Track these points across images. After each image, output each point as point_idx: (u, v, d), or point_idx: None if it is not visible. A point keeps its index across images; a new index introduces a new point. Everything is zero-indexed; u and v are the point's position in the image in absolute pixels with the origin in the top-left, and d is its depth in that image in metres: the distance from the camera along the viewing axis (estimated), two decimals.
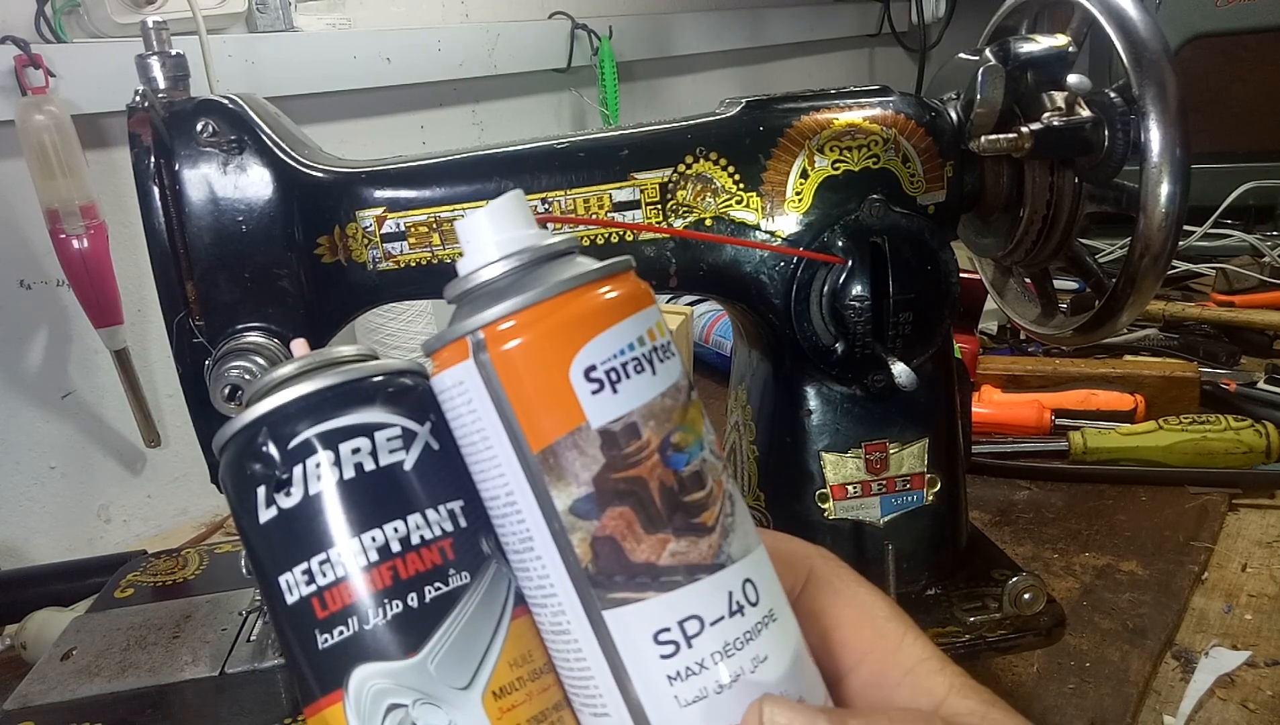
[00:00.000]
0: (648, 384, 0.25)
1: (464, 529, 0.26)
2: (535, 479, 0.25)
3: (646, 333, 0.26)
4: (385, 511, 0.25)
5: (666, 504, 0.25)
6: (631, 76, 1.42)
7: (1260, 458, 0.80)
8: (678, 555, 0.25)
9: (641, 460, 0.25)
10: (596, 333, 0.25)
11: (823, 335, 0.54)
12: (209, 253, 0.50)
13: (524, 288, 0.25)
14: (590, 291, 0.25)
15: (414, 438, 0.26)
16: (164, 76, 0.49)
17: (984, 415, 0.89)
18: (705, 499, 0.26)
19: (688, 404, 0.26)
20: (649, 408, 0.25)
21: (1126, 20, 0.52)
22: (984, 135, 0.53)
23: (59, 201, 0.76)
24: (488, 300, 0.26)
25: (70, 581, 0.74)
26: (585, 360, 0.25)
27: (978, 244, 0.62)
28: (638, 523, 0.25)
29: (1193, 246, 1.30)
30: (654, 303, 0.27)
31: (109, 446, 0.90)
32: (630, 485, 0.25)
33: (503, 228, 0.27)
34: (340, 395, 0.25)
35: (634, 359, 0.25)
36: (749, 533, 0.27)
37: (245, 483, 0.25)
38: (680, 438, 0.25)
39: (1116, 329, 0.57)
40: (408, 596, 0.24)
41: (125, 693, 0.54)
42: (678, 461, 0.25)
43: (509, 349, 0.25)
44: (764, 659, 0.25)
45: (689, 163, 0.53)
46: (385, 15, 1.12)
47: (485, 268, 0.26)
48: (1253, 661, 0.60)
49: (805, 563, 0.30)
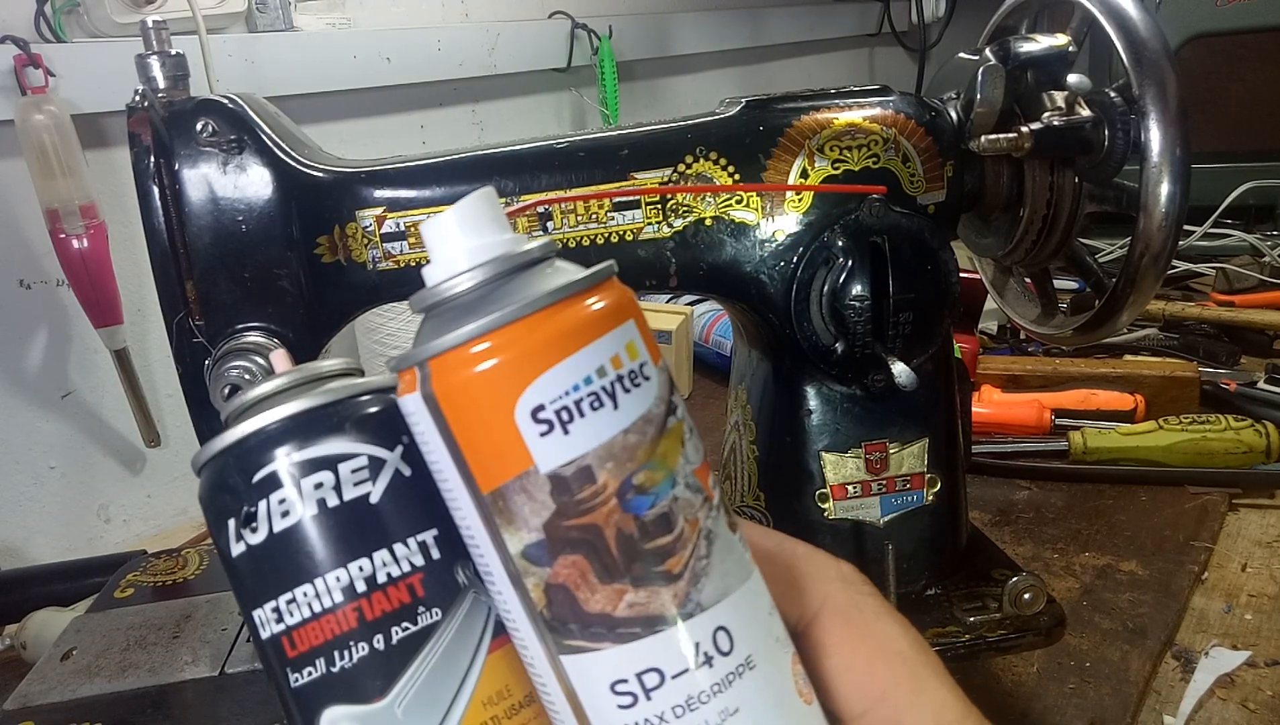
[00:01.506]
0: (607, 421, 0.23)
1: (435, 562, 0.24)
2: (488, 519, 0.23)
3: (610, 361, 0.23)
4: (350, 549, 0.24)
5: (624, 553, 0.23)
6: (631, 76, 1.42)
7: (1260, 458, 0.80)
8: (636, 607, 0.23)
9: (596, 506, 0.23)
10: (546, 368, 0.22)
11: (823, 335, 0.54)
12: (209, 252, 0.50)
13: (475, 313, 0.23)
14: (544, 319, 0.23)
15: (382, 467, 0.24)
16: (164, 76, 0.49)
17: (984, 415, 0.89)
18: (672, 544, 0.23)
19: (659, 436, 0.24)
20: (607, 448, 0.23)
21: (1126, 20, 0.52)
22: (984, 135, 0.53)
23: (59, 201, 0.76)
24: (441, 323, 0.24)
25: (70, 581, 0.74)
26: (532, 399, 0.22)
27: (978, 244, 0.62)
28: (591, 572, 0.23)
29: (1193, 246, 1.30)
30: (631, 317, 0.24)
31: (109, 446, 0.90)
32: (583, 533, 0.23)
33: (469, 234, 0.24)
34: (305, 424, 0.24)
35: (591, 394, 0.23)
36: (730, 572, 0.24)
37: (217, 513, 0.25)
38: (644, 478, 0.23)
39: (1116, 329, 0.57)
40: (374, 638, 0.24)
41: (125, 693, 0.54)
42: (639, 505, 0.23)
43: (453, 385, 0.23)
44: (734, 711, 0.24)
45: (689, 162, 0.53)
46: (385, 15, 1.12)
47: (445, 282, 0.24)
48: (1253, 661, 0.60)
49: (821, 588, 0.28)
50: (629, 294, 0.25)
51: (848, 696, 0.26)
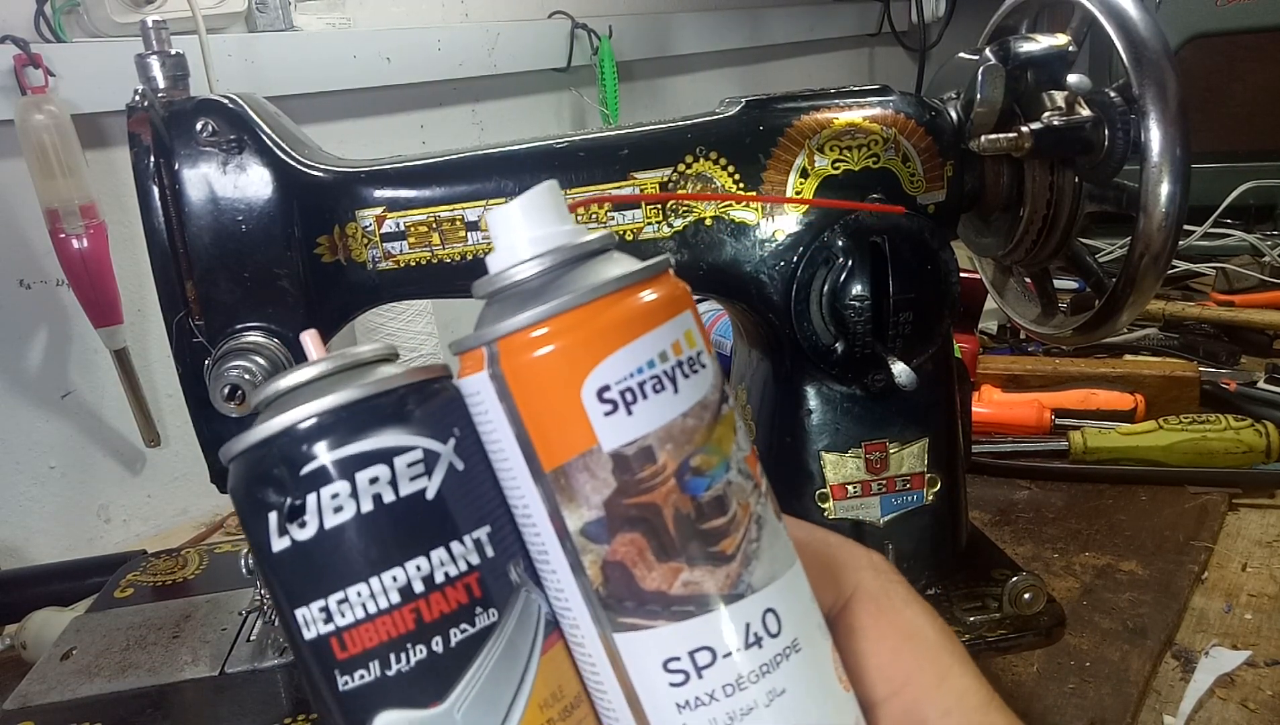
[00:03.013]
0: (668, 404, 0.24)
1: (491, 559, 0.24)
2: (548, 498, 0.24)
3: (671, 346, 0.24)
4: (407, 547, 0.23)
5: (681, 532, 0.24)
6: (631, 76, 1.42)
7: (1260, 458, 0.80)
8: (691, 585, 0.24)
9: (656, 486, 0.24)
10: (613, 350, 0.23)
11: (823, 335, 0.54)
12: (209, 252, 0.50)
13: (543, 296, 0.24)
14: (611, 303, 0.24)
15: (437, 460, 0.24)
16: (164, 76, 0.49)
17: (984, 415, 0.89)
18: (726, 526, 0.24)
19: (715, 422, 0.24)
20: (667, 430, 0.24)
21: (1126, 20, 0.52)
22: (984, 135, 0.53)
23: (59, 201, 0.76)
24: (508, 307, 0.24)
25: (70, 581, 0.74)
26: (599, 380, 0.23)
27: (978, 244, 0.62)
28: (649, 550, 0.24)
29: (1193, 246, 1.30)
30: (688, 308, 0.25)
31: (109, 446, 0.90)
32: (642, 512, 0.24)
33: (533, 224, 0.25)
34: (357, 414, 0.23)
35: (653, 377, 0.24)
36: (778, 557, 0.25)
37: (256, 507, 0.23)
38: (701, 461, 0.24)
39: (1116, 329, 0.57)
40: (432, 641, 0.23)
41: (125, 693, 0.54)
42: (696, 486, 0.24)
43: (521, 365, 0.24)
44: (781, 693, 0.24)
45: (689, 162, 0.53)
46: (385, 15, 1.12)
47: (511, 269, 0.25)
48: (1253, 661, 0.60)
49: (853, 576, 0.28)
50: (685, 286, 0.26)
51: (873, 681, 0.27)
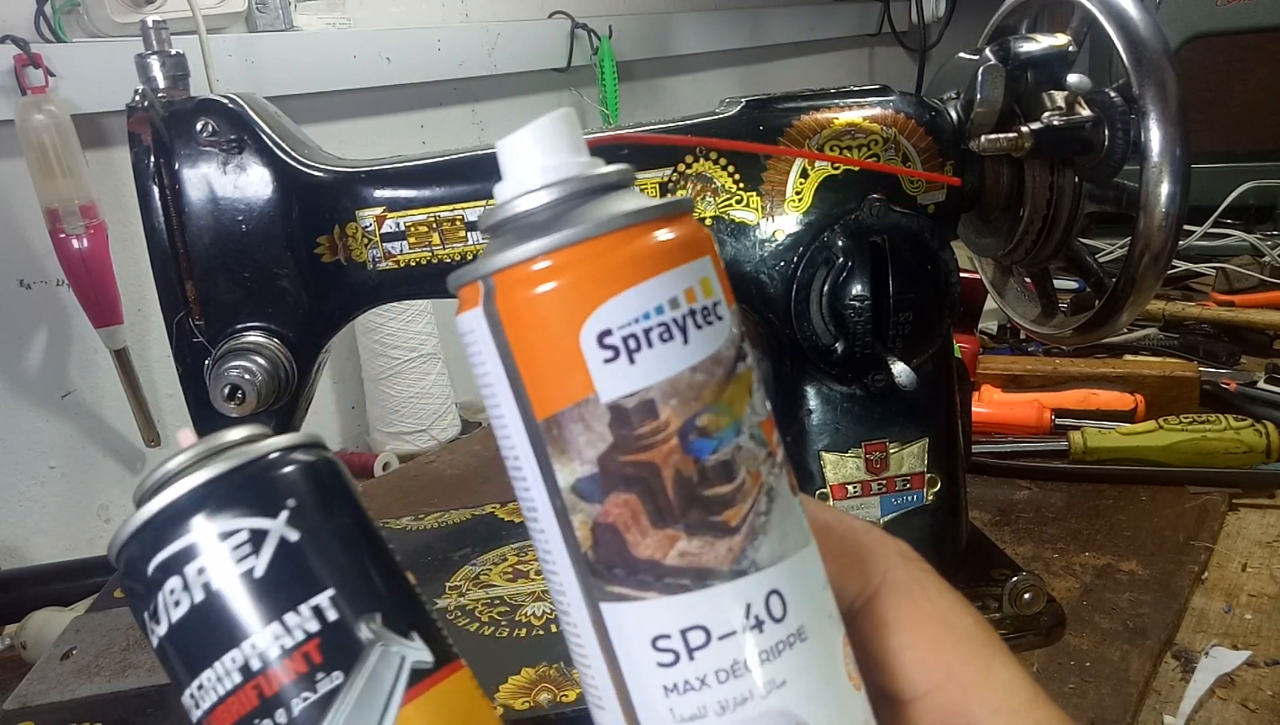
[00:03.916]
0: (675, 355, 0.22)
1: (334, 622, 0.23)
2: (539, 448, 0.22)
3: (684, 292, 0.22)
4: (240, 628, 0.23)
5: (680, 496, 0.22)
6: (631, 76, 1.42)
7: (1260, 458, 0.80)
8: (687, 556, 0.22)
9: (656, 443, 0.22)
10: (618, 290, 0.21)
11: (823, 335, 0.54)
12: (209, 252, 0.50)
13: (547, 229, 0.22)
14: (620, 241, 0.22)
15: (265, 537, 0.23)
16: (164, 76, 0.49)
17: (984, 415, 0.89)
18: (732, 494, 0.22)
19: (728, 379, 0.22)
20: (672, 383, 0.22)
21: (1126, 20, 0.52)
22: (984, 135, 0.53)
23: (59, 201, 0.76)
24: (510, 240, 0.23)
25: (70, 581, 0.74)
26: (600, 323, 0.21)
27: (978, 244, 0.62)
28: (644, 514, 0.22)
29: (1193, 246, 1.30)
30: (707, 253, 0.23)
31: (109, 446, 0.90)
32: (639, 471, 0.22)
33: (544, 153, 0.23)
34: (180, 511, 0.24)
35: (661, 325, 0.22)
36: (790, 533, 0.23)
37: (133, 610, 0.25)
38: (709, 420, 0.22)
39: (1116, 329, 0.57)
40: (276, 713, 0.23)
41: (125, 693, 0.54)
42: (701, 448, 0.22)
43: (518, 301, 0.22)
44: (780, 684, 0.22)
45: (689, 162, 0.53)
46: (385, 15, 1.12)
47: (517, 200, 0.23)
48: (1253, 661, 0.60)
49: (881, 564, 0.27)
50: (706, 231, 0.24)
51: (910, 676, 0.25)
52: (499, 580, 0.64)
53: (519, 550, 0.68)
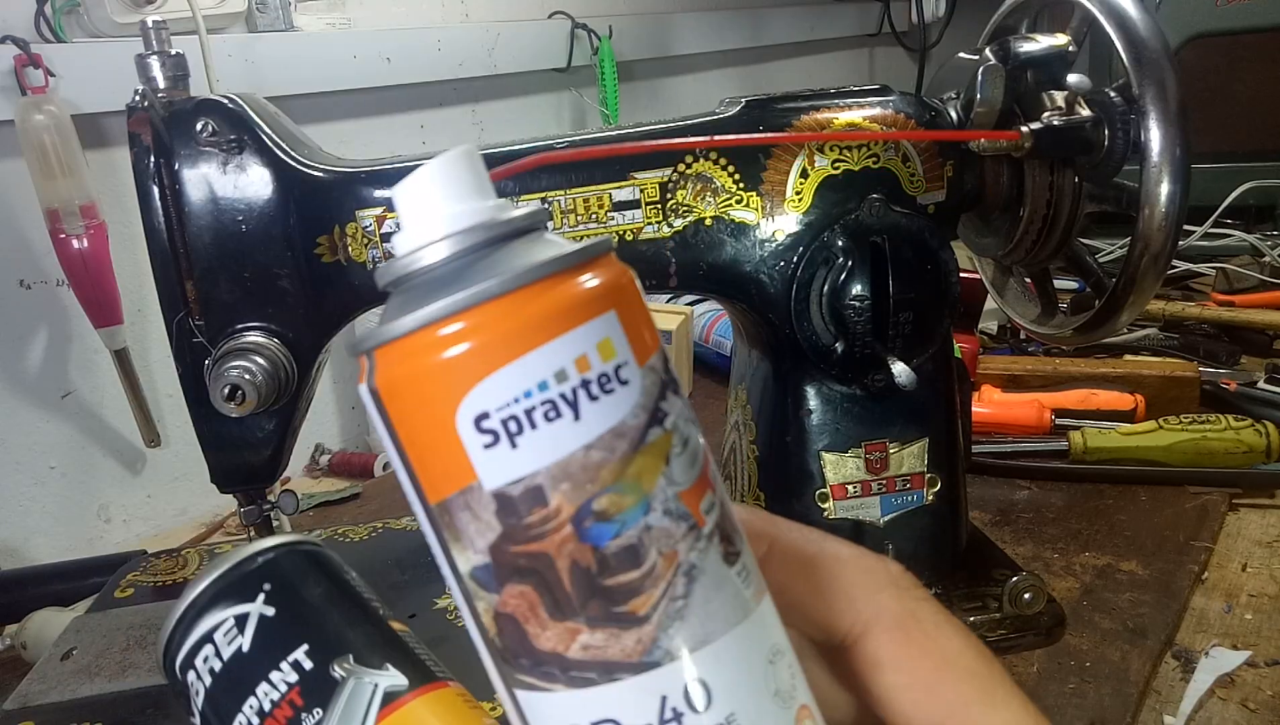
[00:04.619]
0: (564, 434, 0.20)
1: (310, 670, 0.27)
2: (437, 531, 0.21)
3: (574, 362, 0.20)
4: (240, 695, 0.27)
5: (579, 588, 0.20)
6: (631, 76, 1.42)
7: (1260, 458, 0.80)
8: (591, 650, 0.20)
9: (547, 533, 0.20)
10: (492, 368, 0.19)
11: (823, 335, 0.54)
12: (209, 252, 0.50)
13: (424, 298, 0.20)
14: (498, 309, 0.20)
15: (246, 619, 0.28)
16: (164, 76, 0.49)
17: (984, 415, 0.89)
18: (638, 581, 0.20)
19: (633, 453, 0.20)
20: (562, 467, 0.20)
21: (1126, 20, 0.52)
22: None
23: (59, 201, 0.76)
24: (393, 306, 0.21)
25: (70, 581, 0.74)
26: (476, 405, 0.19)
27: (978, 244, 0.62)
28: (542, 606, 0.20)
29: (1193, 246, 1.30)
30: (610, 307, 0.20)
31: (109, 446, 0.90)
32: (532, 562, 0.20)
33: (439, 199, 0.21)
34: (186, 621, 0.28)
35: (546, 402, 0.19)
36: (717, 613, 0.21)
37: (183, 711, 0.29)
38: (608, 502, 0.20)
39: (1116, 329, 0.57)
40: None
41: (125, 693, 0.54)
42: (599, 534, 0.20)
43: (393, 381, 0.20)
44: None
45: (689, 162, 0.53)
46: (385, 15, 1.12)
47: (409, 257, 0.21)
48: (1253, 661, 0.60)
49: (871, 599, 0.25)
50: (616, 279, 0.21)
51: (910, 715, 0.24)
52: None
53: None
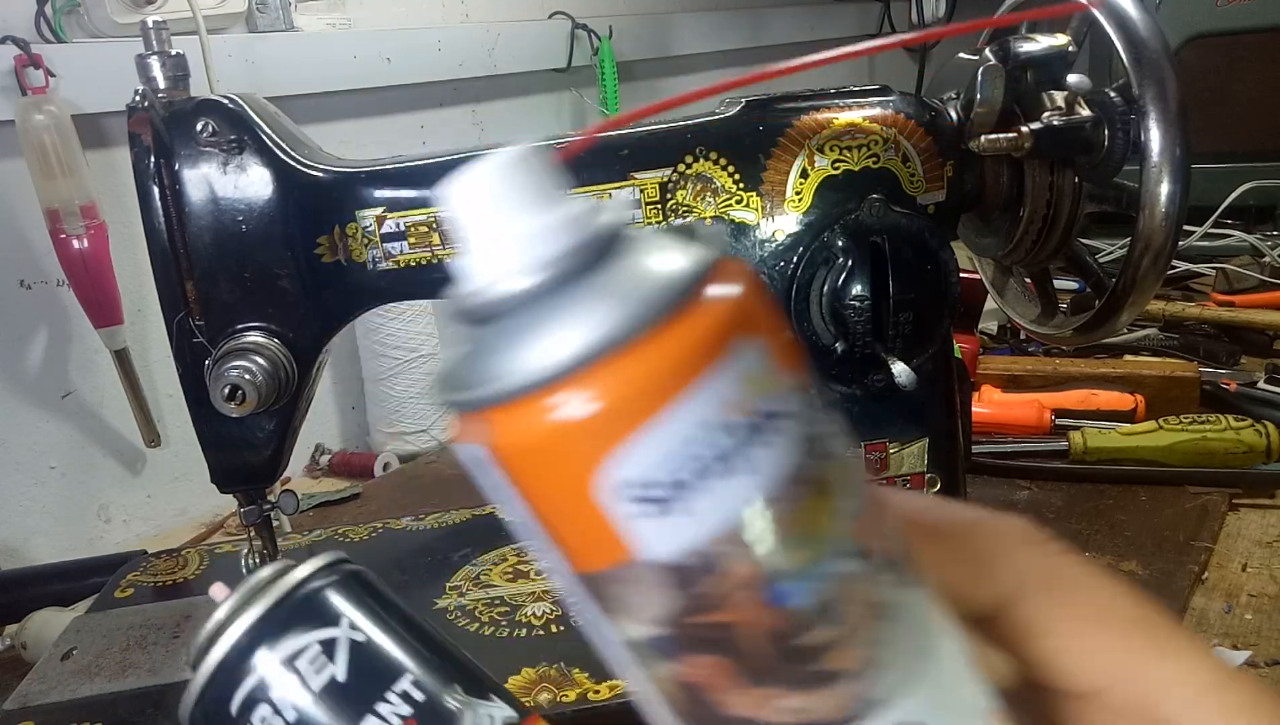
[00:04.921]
0: (730, 490, 0.17)
1: (423, 702, 0.25)
2: (593, 599, 0.19)
3: (724, 408, 0.16)
4: None
5: (771, 653, 0.18)
6: (631, 76, 1.42)
7: (1260, 458, 0.80)
8: (791, 713, 0.18)
9: (725, 600, 0.17)
10: (629, 430, 0.16)
11: (823, 335, 0.54)
12: (209, 252, 0.50)
13: (537, 340, 0.17)
14: (617, 361, 0.16)
15: (335, 644, 0.25)
16: (164, 76, 0.49)
17: (984, 415, 0.89)
18: (837, 637, 0.18)
19: (807, 497, 0.17)
20: (732, 529, 0.17)
21: (1126, 20, 0.52)
22: (984, 135, 0.53)
23: (59, 201, 0.76)
24: (497, 350, 0.18)
25: (70, 581, 0.74)
26: (615, 474, 0.16)
27: (978, 244, 0.62)
28: (731, 674, 0.18)
29: (1193, 246, 1.30)
30: (758, 330, 0.17)
31: (109, 446, 0.90)
32: (714, 632, 0.18)
33: (524, 210, 0.18)
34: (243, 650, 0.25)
35: (695, 459, 0.16)
36: (913, 647, 0.19)
37: None
38: (790, 560, 0.17)
39: (1116, 329, 0.57)
40: None
41: (125, 693, 0.54)
42: (786, 595, 0.17)
43: (514, 449, 0.17)
44: None
45: (689, 162, 0.53)
46: (385, 15, 1.12)
47: (498, 283, 0.18)
48: (1253, 661, 0.60)
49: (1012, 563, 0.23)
50: (748, 289, 0.17)
51: (1078, 679, 0.22)
52: (499, 580, 0.64)
53: (519, 550, 0.68)
